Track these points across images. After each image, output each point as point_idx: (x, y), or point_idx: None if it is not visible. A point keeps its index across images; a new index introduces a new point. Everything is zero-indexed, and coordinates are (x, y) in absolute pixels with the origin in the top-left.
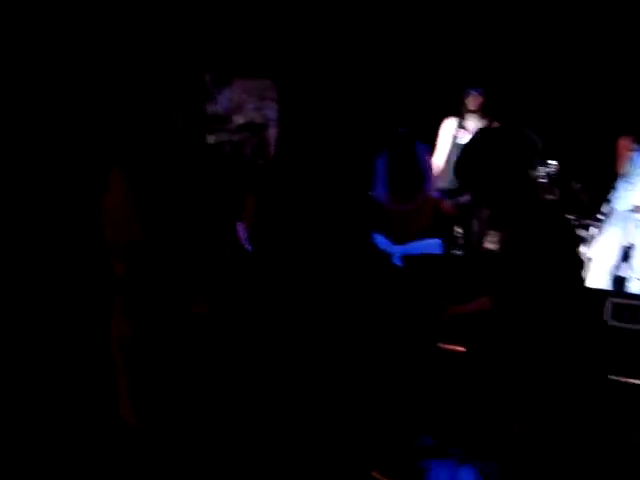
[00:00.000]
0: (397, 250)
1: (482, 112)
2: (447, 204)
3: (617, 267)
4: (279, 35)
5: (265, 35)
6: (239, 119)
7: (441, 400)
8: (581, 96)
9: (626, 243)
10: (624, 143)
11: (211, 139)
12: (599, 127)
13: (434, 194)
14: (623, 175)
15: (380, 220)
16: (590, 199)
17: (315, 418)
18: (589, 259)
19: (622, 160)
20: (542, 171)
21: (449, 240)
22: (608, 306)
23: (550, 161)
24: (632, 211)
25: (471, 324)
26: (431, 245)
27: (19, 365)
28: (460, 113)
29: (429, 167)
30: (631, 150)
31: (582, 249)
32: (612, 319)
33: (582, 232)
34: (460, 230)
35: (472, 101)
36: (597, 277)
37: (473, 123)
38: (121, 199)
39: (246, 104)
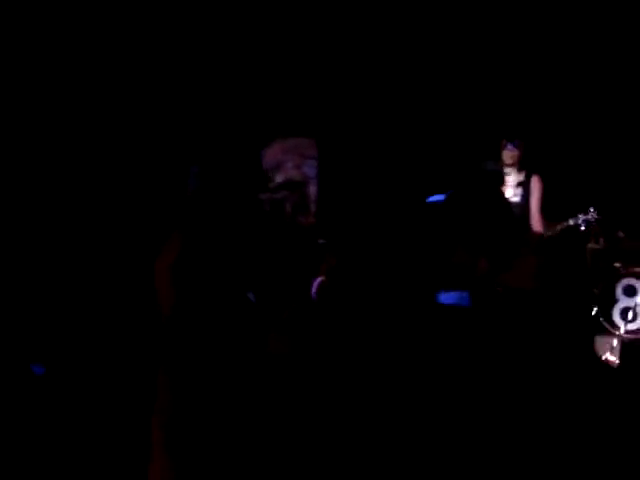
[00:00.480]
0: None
1: (519, 165)
2: (482, 263)
3: None
4: (320, 93)
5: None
6: (279, 178)
7: None
8: (621, 145)
9: None
10: None
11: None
12: None
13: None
14: None
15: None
16: (636, 247)
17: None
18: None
19: None
20: (581, 219)
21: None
22: None
23: (590, 209)
24: None
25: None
26: (457, 297)
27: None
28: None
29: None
30: None
31: (633, 298)
32: None
33: (631, 280)
34: None
35: (508, 155)
36: None
37: (511, 177)
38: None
39: (286, 163)
